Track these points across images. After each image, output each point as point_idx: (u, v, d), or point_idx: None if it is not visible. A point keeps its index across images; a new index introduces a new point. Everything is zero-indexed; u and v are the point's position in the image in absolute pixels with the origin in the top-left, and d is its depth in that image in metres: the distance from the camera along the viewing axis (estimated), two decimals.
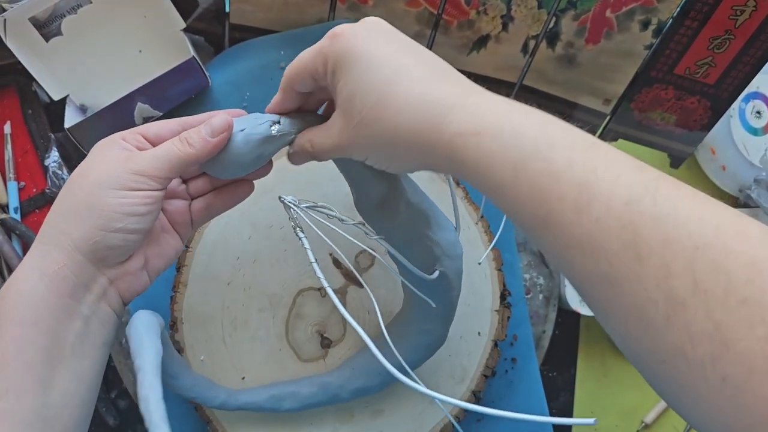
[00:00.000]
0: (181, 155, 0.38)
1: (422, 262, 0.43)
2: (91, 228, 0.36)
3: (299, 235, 0.42)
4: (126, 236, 0.37)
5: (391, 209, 0.41)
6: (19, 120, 0.60)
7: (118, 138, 0.39)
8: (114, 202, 0.36)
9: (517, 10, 0.57)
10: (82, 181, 0.37)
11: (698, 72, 0.58)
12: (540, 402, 0.57)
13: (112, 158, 0.38)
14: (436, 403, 0.53)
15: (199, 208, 0.43)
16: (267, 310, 0.53)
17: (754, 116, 0.65)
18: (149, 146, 0.40)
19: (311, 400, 0.50)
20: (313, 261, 0.40)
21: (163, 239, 0.42)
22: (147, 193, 0.37)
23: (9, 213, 0.58)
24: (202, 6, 0.59)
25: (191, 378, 0.46)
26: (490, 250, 0.55)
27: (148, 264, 0.40)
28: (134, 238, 0.37)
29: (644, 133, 0.64)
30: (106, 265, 0.38)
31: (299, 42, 0.59)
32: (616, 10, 0.56)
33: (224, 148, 0.39)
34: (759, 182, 0.64)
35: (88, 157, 0.39)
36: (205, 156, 0.38)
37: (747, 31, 0.54)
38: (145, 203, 0.37)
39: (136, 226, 0.37)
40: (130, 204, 0.36)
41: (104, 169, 0.37)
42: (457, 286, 0.45)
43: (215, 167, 0.40)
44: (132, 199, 0.37)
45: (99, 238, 0.36)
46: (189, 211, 0.43)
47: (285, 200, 0.43)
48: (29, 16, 0.53)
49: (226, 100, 0.59)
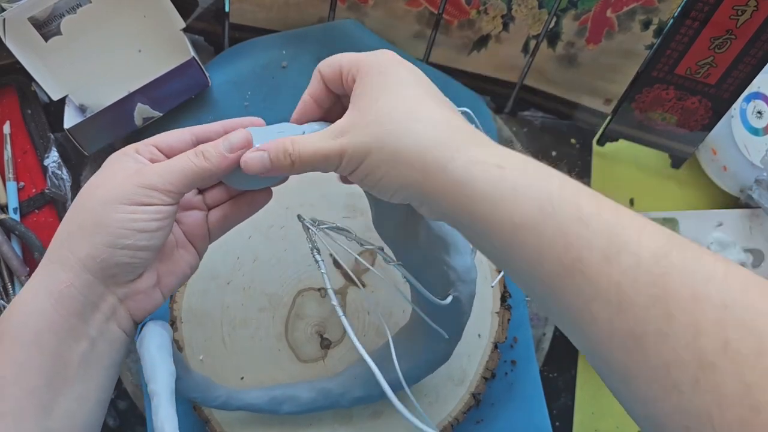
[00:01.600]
0: (196, 169, 0.36)
1: (436, 286, 0.42)
2: (98, 245, 0.35)
3: (317, 259, 0.41)
4: (135, 253, 0.35)
5: (411, 232, 0.40)
6: (18, 120, 0.60)
7: (131, 150, 0.38)
8: (122, 218, 0.35)
9: (518, 9, 0.57)
10: (91, 196, 0.36)
11: (699, 72, 0.58)
12: (540, 404, 0.57)
13: (122, 172, 0.36)
14: (435, 405, 0.53)
15: (216, 219, 0.42)
16: (267, 310, 0.53)
17: (755, 116, 0.65)
18: (163, 158, 0.38)
19: (311, 406, 0.49)
20: (328, 287, 0.39)
21: (177, 255, 0.40)
22: (158, 208, 0.35)
23: (8, 213, 0.58)
24: (201, 6, 0.59)
25: (192, 378, 0.46)
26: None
27: (161, 282, 0.39)
28: (144, 255, 0.36)
29: (645, 133, 0.64)
30: (115, 284, 0.36)
31: (300, 41, 0.59)
32: (617, 10, 0.56)
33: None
34: (760, 182, 0.64)
35: (100, 170, 0.37)
36: (222, 171, 0.37)
37: (748, 31, 0.54)
38: (156, 219, 0.35)
39: (146, 243, 0.35)
40: (139, 220, 0.35)
41: (114, 184, 0.36)
42: (469, 310, 0.44)
43: (234, 180, 0.39)
44: (141, 215, 0.35)
45: (107, 255, 0.35)
46: (206, 222, 0.41)
47: (305, 222, 0.41)
48: (28, 16, 0.53)
49: (227, 100, 0.59)
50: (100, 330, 0.36)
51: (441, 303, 0.41)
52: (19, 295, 0.35)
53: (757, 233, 0.66)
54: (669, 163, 0.67)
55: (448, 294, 0.42)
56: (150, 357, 0.37)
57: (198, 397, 0.46)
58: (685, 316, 0.25)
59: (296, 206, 0.54)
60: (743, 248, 0.65)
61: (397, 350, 0.46)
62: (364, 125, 0.34)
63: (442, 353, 0.47)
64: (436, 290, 0.42)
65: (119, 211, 0.35)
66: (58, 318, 0.34)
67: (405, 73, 0.35)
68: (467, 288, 0.43)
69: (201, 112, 0.59)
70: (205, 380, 0.47)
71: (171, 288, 0.40)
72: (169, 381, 0.37)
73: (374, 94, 0.34)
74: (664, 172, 0.68)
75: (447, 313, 0.43)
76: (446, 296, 0.42)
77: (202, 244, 0.42)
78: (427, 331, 0.44)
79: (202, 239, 0.41)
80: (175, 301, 0.52)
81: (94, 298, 0.35)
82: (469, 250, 0.43)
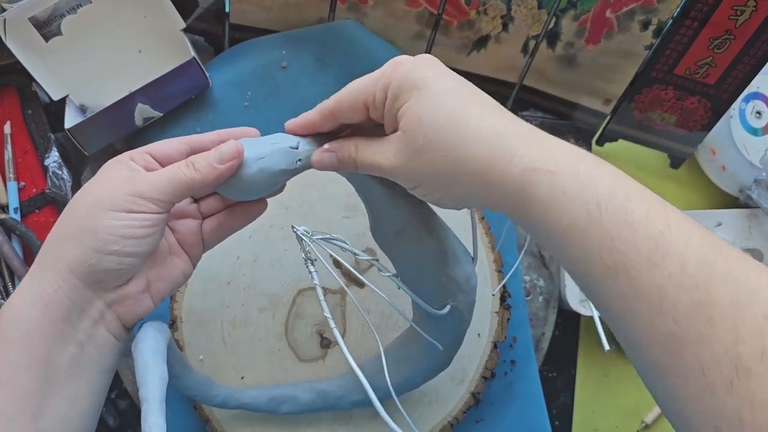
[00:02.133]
0: (185, 179, 0.37)
1: (435, 294, 0.42)
2: (86, 250, 0.35)
3: (310, 270, 0.41)
4: (122, 260, 0.36)
5: (409, 241, 0.40)
6: (18, 120, 0.60)
7: (126, 158, 0.38)
8: (110, 224, 0.35)
9: (517, 10, 0.57)
10: (82, 201, 0.36)
11: (698, 72, 0.58)
12: (539, 404, 0.57)
13: (115, 178, 0.37)
14: (435, 405, 0.53)
15: (210, 228, 0.42)
16: (267, 310, 0.53)
17: (754, 116, 0.65)
18: (158, 166, 0.39)
19: (310, 407, 0.50)
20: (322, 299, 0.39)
21: (170, 262, 0.40)
22: (146, 216, 0.36)
23: (9, 213, 0.58)
24: (202, 6, 0.59)
25: (192, 376, 0.46)
26: (492, 251, 0.55)
27: (152, 287, 0.39)
28: (131, 261, 0.36)
29: (644, 133, 0.64)
30: (102, 289, 0.36)
31: (301, 42, 0.59)
32: (616, 10, 0.56)
33: (237, 173, 0.38)
34: (759, 182, 0.64)
35: (95, 176, 0.38)
36: (211, 182, 0.37)
37: (747, 32, 0.54)
38: (144, 226, 0.36)
39: (133, 249, 0.36)
40: (127, 227, 0.35)
41: (105, 190, 0.36)
42: (469, 318, 0.44)
43: (228, 190, 0.39)
44: (130, 222, 0.35)
45: (94, 260, 0.35)
46: (200, 231, 0.42)
47: (298, 231, 0.41)
48: (29, 16, 0.53)
49: (227, 100, 0.59)
50: (89, 334, 0.36)
51: (438, 313, 0.41)
52: (9, 299, 0.35)
53: (756, 233, 0.66)
54: (668, 163, 0.67)
55: (447, 303, 0.41)
56: (143, 362, 0.37)
57: (198, 396, 0.47)
58: (726, 322, 0.26)
59: (296, 206, 0.54)
60: (742, 248, 0.65)
61: (397, 355, 0.46)
62: (412, 152, 0.34)
63: (442, 359, 0.47)
64: (434, 298, 0.41)
65: (108, 217, 0.35)
66: (46, 322, 0.34)
67: (446, 83, 0.35)
68: (467, 297, 0.42)
69: (201, 113, 0.59)
70: (205, 379, 0.47)
71: (162, 294, 0.40)
72: (159, 387, 0.37)
73: (417, 112, 0.34)
74: (663, 172, 0.68)
75: (447, 321, 0.43)
76: (444, 306, 0.41)
77: (196, 252, 0.42)
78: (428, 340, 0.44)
79: (196, 247, 0.42)
80: (175, 301, 0.52)
81: (81, 303, 0.35)
82: (470, 259, 0.42)
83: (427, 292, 0.41)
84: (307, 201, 0.54)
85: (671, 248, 0.28)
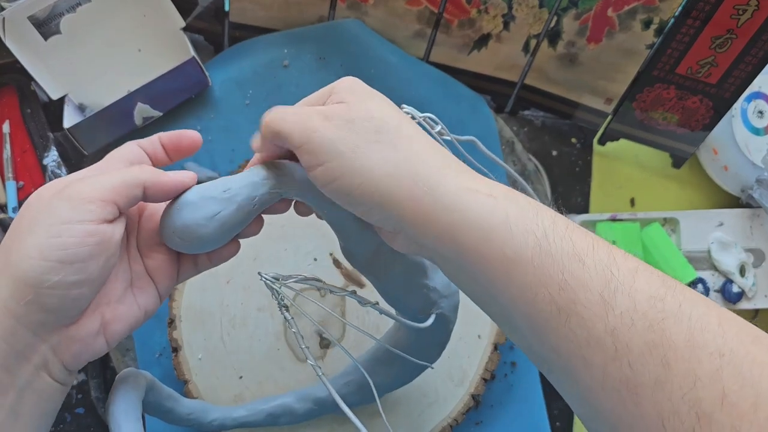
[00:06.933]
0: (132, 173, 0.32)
1: (419, 306, 0.42)
2: (18, 285, 0.29)
3: (286, 316, 0.38)
4: (66, 293, 0.29)
5: (384, 261, 0.39)
6: (17, 119, 0.60)
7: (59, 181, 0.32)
8: (45, 245, 0.28)
9: (519, 9, 0.57)
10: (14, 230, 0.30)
11: (700, 71, 0.58)
12: (539, 407, 0.57)
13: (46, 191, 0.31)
14: (435, 406, 0.53)
15: (186, 260, 0.36)
16: (266, 309, 0.53)
17: (756, 116, 0.65)
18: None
19: (307, 416, 0.49)
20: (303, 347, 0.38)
21: (129, 295, 0.34)
22: (88, 228, 0.29)
23: (8, 213, 0.58)
24: (201, 5, 0.59)
25: (185, 407, 0.45)
26: None
27: (107, 328, 0.32)
28: (78, 293, 0.30)
29: (646, 132, 0.64)
30: (45, 331, 0.30)
31: (303, 40, 0.59)
32: (618, 9, 0.56)
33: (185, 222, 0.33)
34: (761, 182, 0.64)
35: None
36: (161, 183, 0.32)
37: (749, 31, 0.54)
38: (86, 243, 0.29)
39: (77, 278, 0.29)
40: (66, 245, 0.29)
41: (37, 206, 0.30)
42: (454, 318, 0.44)
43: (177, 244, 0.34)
44: (68, 238, 0.29)
45: (31, 297, 0.29)
46: (177, 261, 0.36)
47: (266, 279, 0.37)
48: (28, 15, 0.53)
49: (227, 99, 0.59)
50: (29, 381, 0.31)
51: (422, 326, 0.40)
52: None
53: (758, 233, 0.66)
54: (670, 162, 0.67)
55: (431, 313, 0.41)
56: (115, 422, 0.35)
57: (194, 423, 0.46)
58: (682, 364, 0.24)
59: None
60: (744, 248, 0.65)
61: (385, 355, 0.46)
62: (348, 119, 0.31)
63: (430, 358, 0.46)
64: (419, 309, 0.42)
65: (41, 236, 0.29)
66: None
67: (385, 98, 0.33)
68: (450, 301, 0.42)
69: (201, 112, 0.58)
70: (198, 405, 0.46)
71: (118, 336, 0.33)
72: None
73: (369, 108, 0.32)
74: (665, 171, 0.68)
75: (433, 327, 0.42)
76: (428, 317, 0.41)
77: (166, 284, 0.35)
78: (417, 336, 0.44)
79: (168, 278, 0.35)
80: (174, 300, 0.52)
81: (20, 348, 0.30)
82: None
83: (411, 305, 0.41)
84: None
85: (620, 283, 0.26)
